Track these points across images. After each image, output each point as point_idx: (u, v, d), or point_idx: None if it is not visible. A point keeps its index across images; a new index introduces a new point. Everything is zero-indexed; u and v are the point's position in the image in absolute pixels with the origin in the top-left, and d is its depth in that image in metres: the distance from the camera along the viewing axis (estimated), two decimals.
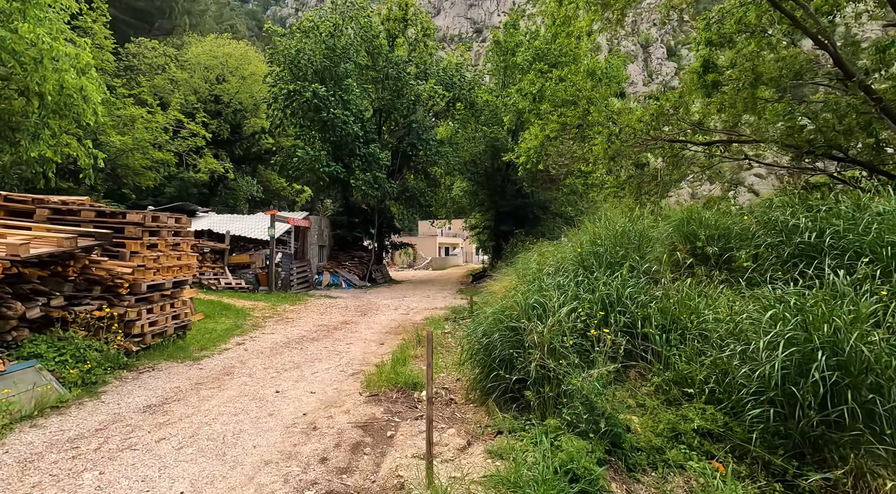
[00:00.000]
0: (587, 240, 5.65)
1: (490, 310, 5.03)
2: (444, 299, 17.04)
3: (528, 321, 4.31)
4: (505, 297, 8.92)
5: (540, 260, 6.11)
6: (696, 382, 3.58)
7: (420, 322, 11.39)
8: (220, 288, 14.96)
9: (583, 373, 3.80)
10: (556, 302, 4.37)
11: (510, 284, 8.78)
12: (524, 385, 4.30)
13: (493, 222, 26.07)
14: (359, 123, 20.07)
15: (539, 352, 4.14)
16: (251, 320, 10.81)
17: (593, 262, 5.12)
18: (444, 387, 5.80)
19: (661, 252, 5.03)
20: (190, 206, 18.30)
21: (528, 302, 4.49)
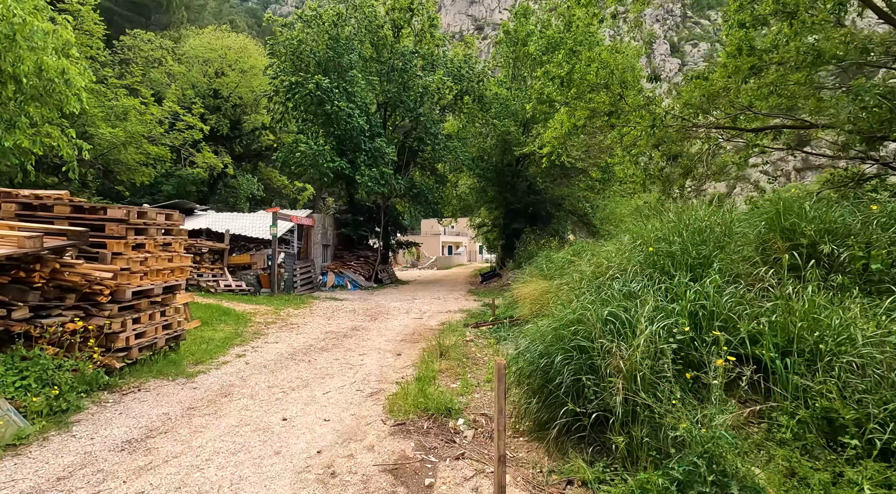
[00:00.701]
0: (653, 236, 4.73)
1: (544, 323, 4.11)
2: (456, 301, 16.13)
3: (608, 339, 3.40)
4: (535, 302, 8.03)
5: (596, 262, 5.16)
6: (848, 427, 2.67)
7: (436, 327, 10.49)
8: (220, 290, 14.06)
9: (690, 410, 2.89)
10: (641, 315, 3.45)
11: (540, 288, 7.88)
12: (598, 418, 3.40)
13: (502, 220, 25.14)
14: (364, 117, 19.14)
15: (622, 381, 3.23)
16: (253, 326, 9.91)
17: (668, 264, 4.20)
18: (482, 413, 4.88)
19: (751, 251, 4.11)
20: (187, 204, 17.39)
21: (601, 316, 3.58)
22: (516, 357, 4.23)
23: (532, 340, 4.07)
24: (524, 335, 4.29)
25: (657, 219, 5.31)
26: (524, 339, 4.30)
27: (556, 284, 7.92)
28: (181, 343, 7.19)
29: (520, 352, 4.09)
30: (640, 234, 5.90)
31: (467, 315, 12.31)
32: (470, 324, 10.03)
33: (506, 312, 10.01)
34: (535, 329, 4.16)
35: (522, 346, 4.12)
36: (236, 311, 11.26)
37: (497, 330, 9.04)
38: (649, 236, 4.64)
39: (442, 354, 7.23)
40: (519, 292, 8.70)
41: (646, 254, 4.32)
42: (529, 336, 4.20)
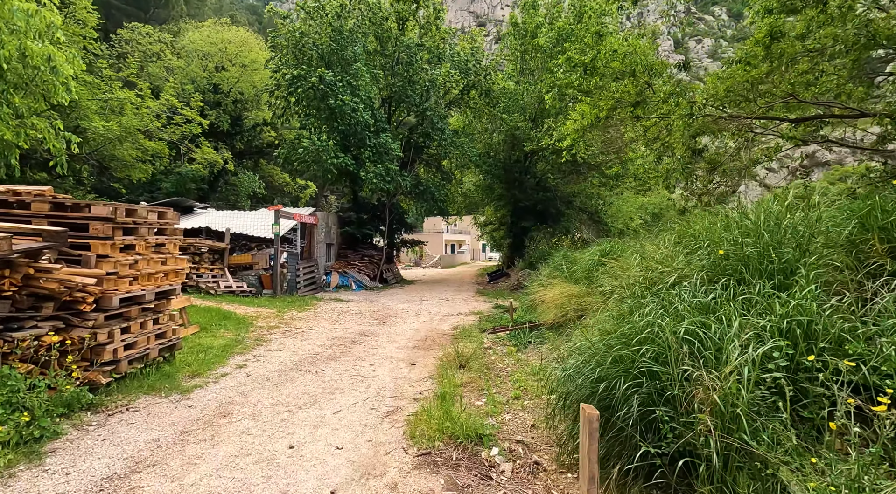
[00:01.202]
0: (713, 237, 4.09)
1: (596, 340, 3.49)
2: (466, 302, 15.52)
3: (690, 364, 2.77)
4: (561, 307, 7.40)
5: (645, 265, 4.52)
6: None
7: (449, 332, 9.87)
8: (220, 292, 13.47)
9: (806, 460, 2.26)
10: (729, 333, 2.83)
11: (565, 292, 7.25)
12: (673, 458, 2.78)
13: (509, 218, 24.48)
14: (369, 111, 18.50)
15: (711, 417, 2.60)
16: (255, 332, 9.31)
17: (741, 270, 3.57)
18: (517, 440, 4.27)
19: (841, 254, 3.48)
20: (186, 202, 16.79)
21: (677, 334, 2.94)
22: (566, 377, 3.60)
23: (584, 360, 3.45)
24: (572, 352, 3.66)
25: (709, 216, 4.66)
26: (573, 358, 3.67)
27: (583, 289, 7.30)
28: (177, 353, 6.59)
29: (569, 375, 3.46)
30: (685, 233, 5.28)
31: (480, 318, 11.70)
32: (486, 329, 9.41)
33: (524, 316, 9.40)
34: (585, 345, 3.53)
35: (571, 367, 3.50)
36: (237, 315, 10.66)
37: (516, 336, 8.42)
38: (712, 236, 3.99)
39: (462, 365, 6.61)
40: (541, 296, 8.07)
41: (714, 258, 3.70)
42: (580, 354, 3.57)
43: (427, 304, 14.75)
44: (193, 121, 17.00)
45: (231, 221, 15.90)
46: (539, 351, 7.62)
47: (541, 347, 7.80)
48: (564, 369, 3.57)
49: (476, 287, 21.40)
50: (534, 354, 7.57)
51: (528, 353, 7.66)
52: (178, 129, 16.38)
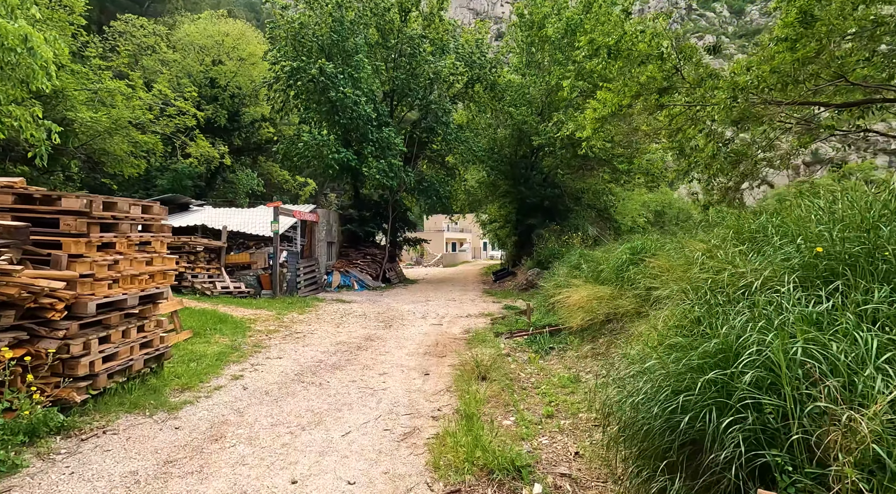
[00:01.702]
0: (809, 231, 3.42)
1: (672, 360, 2.83)
2: (474, 303, 14.86)
3: (824, 397, 2.11)
4: (590, 311, 6.75)
5: (711, 265, 3.84)
6: None
7: (461, 336, 9.22)
8: (217, 293, 12.81)
9: None
10: (864, 356, 2.18)
11: (593, 294, 6.60)
12: None
13: (515, 215, 23.84)
14: (371, 105, 17.82)
15: (855, 471, 1.95)
16: (252, 336, 8.65)
17: (842, 271, 2.92)
18: (561, 473, 3.61)
19: None
20: (181, 199, 16.12)
21: (794, 356, 2.29)
22: (625, 404, 2.95)
23: (654, 382, 2.79)
24: (638, 374, 2.99)
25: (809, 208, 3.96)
26: (634, 376, 3.01)
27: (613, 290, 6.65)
28: (165, 363, 5.94)
29: (637, 403, 2.81)
30: (740, 228, 4.63)
31: (492, 320, 11.05)
32: (502, 333, 8.75)
33: (542, 319, 8.74)
34: (658, 366, 2.87)
35: (640, 392, 2.84)
36: (234, 318, 10.01)
37: (536, 341, 7.77)
38: (802, 230, 3.33)
39: (483, 376, 5.95)
40: (565, 298, 7.40)
41: (806, 257, 3.04)
42: (644, 374, 2.91)
43: (434, 305, 14.10)
44: (187, 113, 16.27)
45: (228, 219, 15.24)
46: (563, 359, 6.97)
47: (565, 353, 7.16)
48: (630, 392, 2.91)
49: (482, 286, 20.76)
50: (558, 362, 6.92)
51: (552, 361, 7.01)
52: (172, 121, 15.65)
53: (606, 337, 6.91)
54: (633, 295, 6.02)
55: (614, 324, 6.74)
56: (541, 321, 8.63)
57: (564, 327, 7.83)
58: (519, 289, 16.94)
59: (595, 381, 5.53)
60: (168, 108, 15.55)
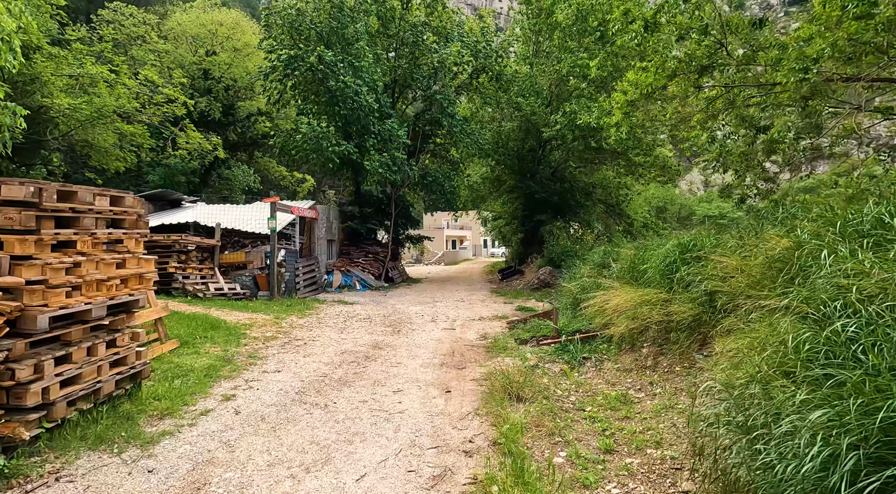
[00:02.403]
0: None
1: (857, 410, 1.96)
2: (484, 304, 14.00)
3: None
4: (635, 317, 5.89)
5: (855, 269, 2.96)
6: None
7: (478, 343, 8.37)
8: (210, 295, 11.91)
9: None
10: None
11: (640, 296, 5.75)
12: None
13: (521, 211, 22.97)
14: (373, 95, 16.91)
15: None
16: (248, 345, 7.77)
17: None
18: None
19: None
20: (173, 195, 15.19)
21: None
22: (746, 457, 2.08)
23: (825, 446, 1.92)
24: (785, 421, 2.12)
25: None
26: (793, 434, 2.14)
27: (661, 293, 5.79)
28: (143, 382, 5.06)
29: (801, 475, 1.94)
30: (840, 221, 3.78)
31: (507, 323, 10.19)
32: (526, 341, 7.89)
33: (570, 325, 7.88)
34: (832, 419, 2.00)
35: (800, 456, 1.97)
36: (228, 323, 9.12)
37: (566, 350, 6.91)
38: None
39: (518, 396, 5.09)
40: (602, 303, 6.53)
41: None
42: (805, 428, 2.04)
43: (442, 307, 13.24)
44: (177, 101, 15.26)
45: (222, 215, 14.33)
46: (602, 371, 6.11)
47: (602, 365, 6.30)
48: (780, 454, 2.04)
49: (489, 285, 19.91)
50: (596, 375, 6.06)
51: (588, 374, 6.16)
52: (159, 110, 14.65)
53: (650, 347, 6.06)
54: (688, 300, 5.16)
55: (660, 333, 5.89)
56: (568, 326, 7.77)
57: (598, 333, 6.97)
58: (530, 289, 16.09)
59: (654, 403, 4.69)
60: (155, 96, 14.54)
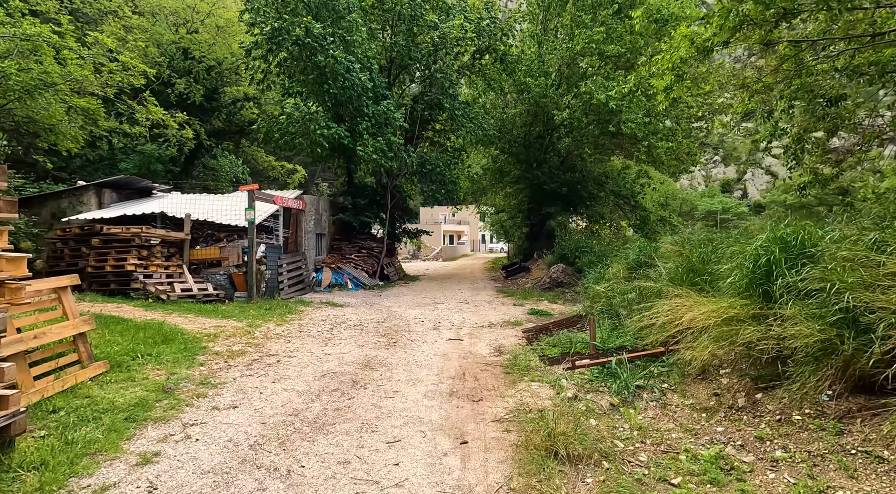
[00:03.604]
0: None
1: None
2: (491, 306, 12.43)
3: None
4: (718, 336, 4.29)
5: None
6: None
7: (491, 358, 6.79)
8: (175, 297, 10.27)
9: None
10: None
11: (728, 311, 4.17)
12: None
13: (527, 203, 21.38)
14: (366, 72, 15.23)
15: None
16: (204, 365, 6.16)
17: None
18: None
19: None
20: (139, 182, 13.47)
21: None
22: None
23: None
24: None
25: None
26: None
27: (750, 307, 4.22)
28: (18, 440, 3.44)
29: None
30: None
31: (522, 332, 8.63)
32: (552, 359, 6.31)
33: (610, 339, 6.29)
34: None
35: None
36: (186, 334, 7.50)
37: (610, 374, 5.34)
38: None
39: (568, 456, 3.51)
40: (670, 314, 4.95)
41: None
42: None
43: (445, 310, 11.65)
44: (135, 70, 13.40)
45: (194, 205, 12.64)
46: (668, 409, 4.54)
47: (666, 398, 4.74)
48: None
49: (493, 284, 18.33)
50: (662, 414, 4.48)
51: (650, 412, 4.58)
52: (113, 78, 12.80)
53: (737, 378, 4.50)
54: (810, 317, 3.58)
55: (753, 361, 4.32)
56: (609, 341, 6.19)
57: (650, 351, 5.41)
58: (541, 288, 14.52)
59: (783, 479, 3.11)
60: (110, 64, 12.69)
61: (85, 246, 10.52)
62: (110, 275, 10.28)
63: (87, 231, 10.53)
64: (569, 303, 12.77)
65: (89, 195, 12.22)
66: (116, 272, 10.26)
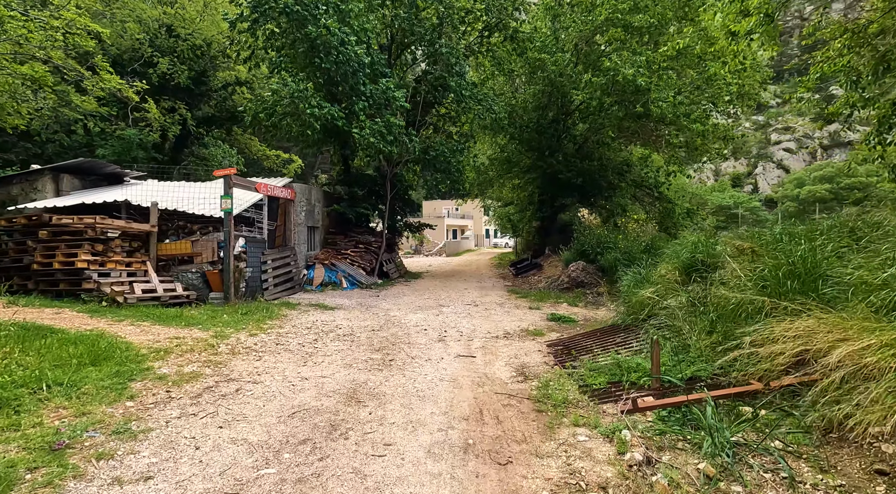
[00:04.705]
0: None
1: None
2: (504, 309, 10.88)
3: None
4: None
5: None
6: None
7: (513, 388, 5.24)
8: (134, 299, 8.74)
9: None
10: None
11: None
12: None
13: (539, 195, 19.76)
14: (363, 46, 13.61)
15: None
16: (135, 398, 4.63)
17: None
18: None
19: None
20: (105, 167, 11.91)
21: None
22: None
23: None
24: None
25: None
26: None
27: None
28: None
29: None
30: None
31: (547, 345, 7.09)
32: (599, 391, 4.75)
33: (677, 367, 4.71)
34: None
35: None
36: (130, 349, 5.97)
37: (690, 421, 3.78)
38: None
39: None
40: (785, 339, 3.39)
41: None
42: None
43: (451, 314, 10.11)
44: (80, 30, 11.64)
45: (166, 193, 11.09)
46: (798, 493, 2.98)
47: (792, 469, 3.18)
48: None
49: (502, 282, 16.78)
50: None
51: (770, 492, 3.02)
52: (54, 40, 11.04)
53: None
54: None
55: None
56: (674, 369, 4.62)
57: (742, 389, 3.84)
58: (558, 289, 12.96)
59: None
60: (52, 21, 10.99)
61: (32, 238, 9.01)
62: (59, 274, 8.76)
63: (35, 222, 9.01)
64: (591, 307, 11.24)
65: (45, 181, 10.69)
66: (66, 269, 8.74)
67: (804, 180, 69.06)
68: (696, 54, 12.61)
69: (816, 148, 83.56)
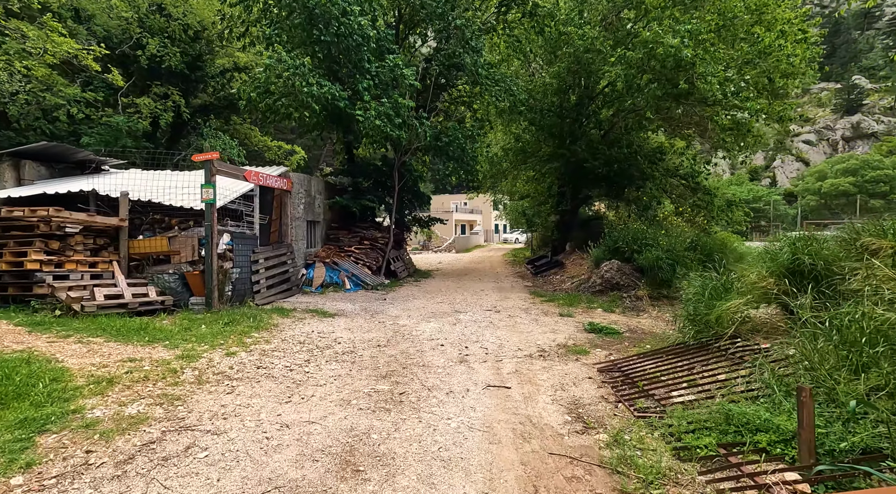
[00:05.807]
0: None
1: None
2: (531, 315, 9.35)
3: None
4: None
5: None
6: None
7: (571, 439, 3.74)
8: (95, 307, 7.33)
9: None
10: None
11: None
12: None
13: (559, 186, 18.17)
14: (367, 17, 12.10)
15: None
16: (32, 464, 3.20)
17: None
18: None
19: None
20: (77, 153, 10.51)
21: None
22: None
23: None
24: None
25: None
26: None
27: None
28: None
29: None
30: None
31: (596, 368, 5.58)
32: (704, 458, 3.23)
33: (834, 428, 3.19)
34: None
35: None
36: (64, 377, 4.57)
37: None
38: None
39: None
40: None
41: None
42: None
43: (470, 323, 8.61)
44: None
45: (142, 183, 9.67)
46: None
47: None
48: None
49: (521, 282, 15.25)
50: None
51: None
52: None
53: None
54: None
55: None
56: (833, 431, 3.09)
57: None
58: (589, 291, 11.41)
59: None
60: None
61: None
62: (6, 276, 7.38)
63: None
64: (630, 313, 9.70)
65: (3, 168, 9.33)
66: (15, 271, 7.36)
67: (826, 173, 66.51)
68: (747, 21, 10.98)
69: (838, 140, 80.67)
